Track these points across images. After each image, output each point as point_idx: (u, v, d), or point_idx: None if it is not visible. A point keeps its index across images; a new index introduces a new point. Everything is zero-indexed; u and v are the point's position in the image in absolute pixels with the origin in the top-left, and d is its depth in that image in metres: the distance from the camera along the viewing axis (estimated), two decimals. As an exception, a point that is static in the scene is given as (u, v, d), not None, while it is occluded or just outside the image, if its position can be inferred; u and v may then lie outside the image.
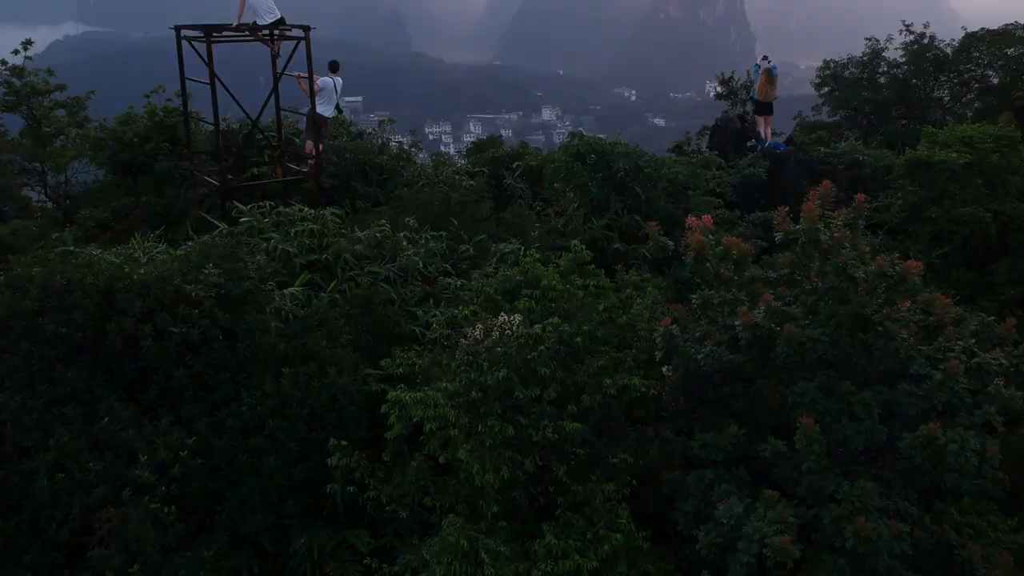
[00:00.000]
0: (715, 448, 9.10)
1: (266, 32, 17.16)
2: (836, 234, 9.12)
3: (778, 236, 9.59)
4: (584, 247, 12.17)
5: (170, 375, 9.77)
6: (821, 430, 8.26)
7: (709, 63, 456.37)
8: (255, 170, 19.21)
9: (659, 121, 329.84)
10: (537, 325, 10.15)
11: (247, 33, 17.00)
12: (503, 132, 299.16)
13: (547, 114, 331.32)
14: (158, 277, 9.88)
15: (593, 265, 12.11)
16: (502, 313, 10.59)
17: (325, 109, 17.94)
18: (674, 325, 9.77)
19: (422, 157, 28.83)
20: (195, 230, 18.03)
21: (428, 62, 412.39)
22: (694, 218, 10.85)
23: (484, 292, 11.40)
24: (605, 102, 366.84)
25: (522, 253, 15.93)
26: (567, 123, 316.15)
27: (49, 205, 19.74)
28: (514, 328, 10.29)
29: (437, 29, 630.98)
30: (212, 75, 16.02)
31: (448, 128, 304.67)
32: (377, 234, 14.88)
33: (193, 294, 9.96)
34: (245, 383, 10.14)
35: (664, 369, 10.23)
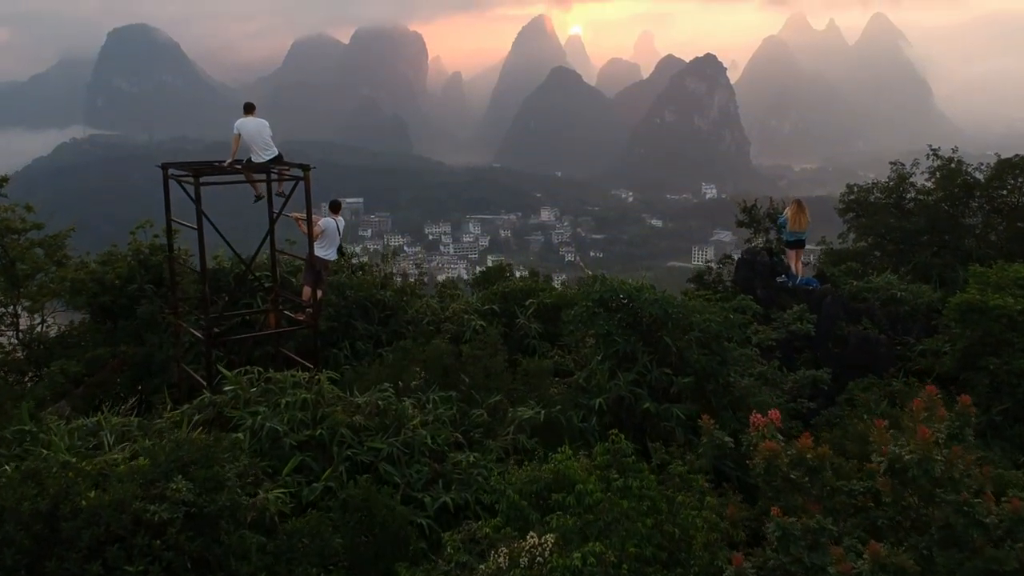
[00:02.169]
0: None
1: (262, 174, 15.82)
2: (950, 457, 7.37)
3: (881, 463, 7.82)
4: (621, 436, 10.37)
5: (123, 618, 7.88)
6: None
7: (704, 166, 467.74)
8: (247, 316, 17.62)
9: (656, 222, 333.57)
10: (576, 553, 8.31)
11: (240, 171, 15.63)
12: (503, 232, 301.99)
13: (546, 215, 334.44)
14: (112, 502, 8.05)
15: (633, 457, 10.29)
16: (531, 533, 8.75)
17: (326, 252, 16.43)
18: (747, 563, 7.91)
19: (426, 280, 27.44)
20: (176, 384, 16.42)
21: (428, 164, 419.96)
22: (759, 415, 9.14)
23: (508, 497, 9.57)
24: (603, 203, 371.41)
25: (541, 416, 14.29)
26: (565, 224, 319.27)
27: (19, 353, 18.07)
28: (546, 555, 8.46)
29: (437, 133, 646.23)
30: (200, 218, 14.54)
31: (448, 228, 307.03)
32: (379, 401, 13.16)
33: (156, 517, 8.12)
34: (216, 625, 8.24)
35: (734, 612, 8.32)
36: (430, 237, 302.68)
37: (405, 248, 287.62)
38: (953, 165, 25.80)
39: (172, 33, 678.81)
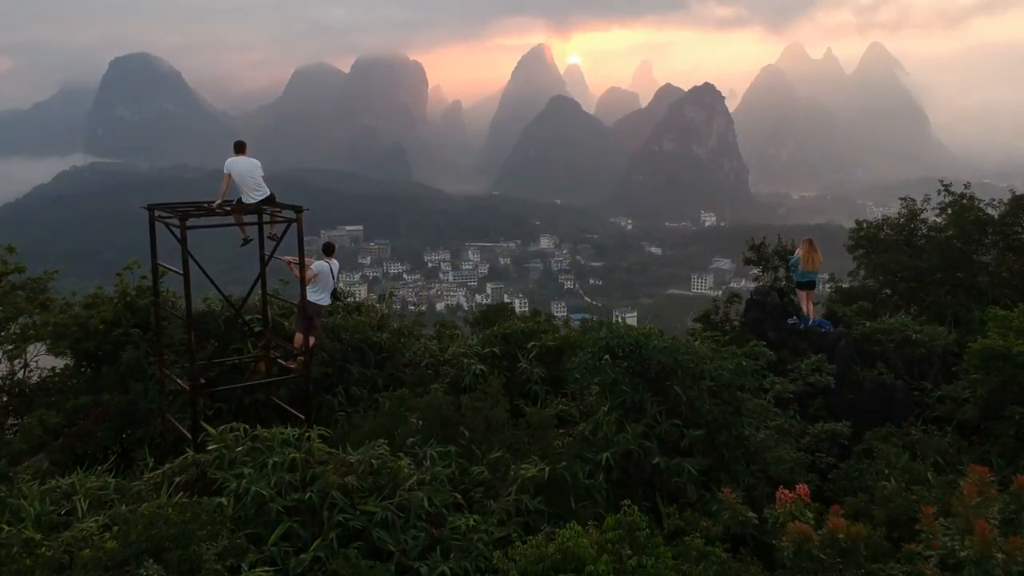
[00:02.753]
0: None
1: (253, 216, 15.13)
2: (1008, 549, 6.59)
3: (931, 558, 7.04)
4: (633, 509, 9.60)
5: None
6: None
7: (703, 194, 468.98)
8: (237, 361, 16.87)
9: (655, 250, 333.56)
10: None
11: (230, 213, 14.95)
12: (502, 260, 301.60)
13: (545, 242, 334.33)
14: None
15: (647, 531, 9.50)
16: (538, 624, 7.96)
17: (319, 297, 15.69)
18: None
19: (424, 309, 26.72)
20: (161, 435, 15.65)
21: (428, 192, 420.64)
22: (786, 491, 8.37)
23: (511, 578, 8.77)
24: (602, 231, 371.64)
25: (546, 474, 13.47)
26: (564, 251, 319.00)
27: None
28: (555, 649, 7.67)
29: (437, 161, 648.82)
30: (186, 263, 13.83)
31: (447, 256, 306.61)
32: (373, 460, 12.37)
33: (122, 609, 7.33)
34: None
35: None
36: (429, 265, 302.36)
37: (404, 276, 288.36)
38: (965, 201, 25.16)
39: (174, 62, 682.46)
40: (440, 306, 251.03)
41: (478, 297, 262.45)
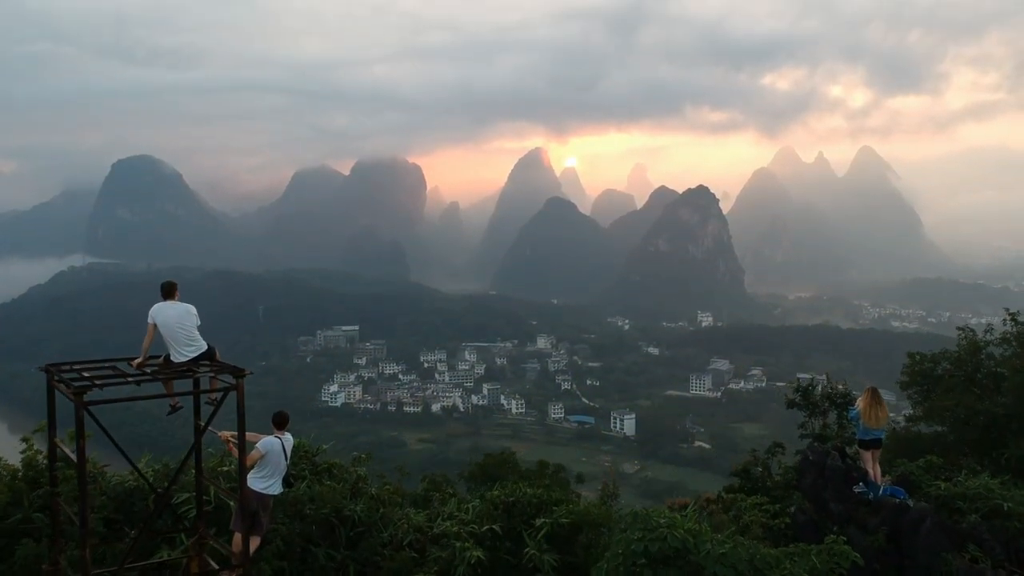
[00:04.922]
0: None
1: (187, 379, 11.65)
2: None
3: None
4: None
5: None
6: None
7: (700, 294, 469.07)
8: (167, 555, 13.10)
9: (653, 350, 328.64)
10: None
11: (154, 378, 11.47)
12: (498, 360, 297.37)
13: (542, 342, 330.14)
14: None
15: None
16: None
17: (266, 485, 12.07)
18: None
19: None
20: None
21: (425, 291, 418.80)
22: None
23: None
24: (599, 331, 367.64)
25: None
26: (562, 351, 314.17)
27: None
28: None
29: (435, 261, 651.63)
30: (82, 453, 10.25)
31: (443, 356, 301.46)
32: None
33: None
34: None
35: None
36: (425, 364, 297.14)
37: (400, 376, 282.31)
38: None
39: (175, 164, 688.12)
40: (436, 407, 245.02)
41: (474, 398, 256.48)
